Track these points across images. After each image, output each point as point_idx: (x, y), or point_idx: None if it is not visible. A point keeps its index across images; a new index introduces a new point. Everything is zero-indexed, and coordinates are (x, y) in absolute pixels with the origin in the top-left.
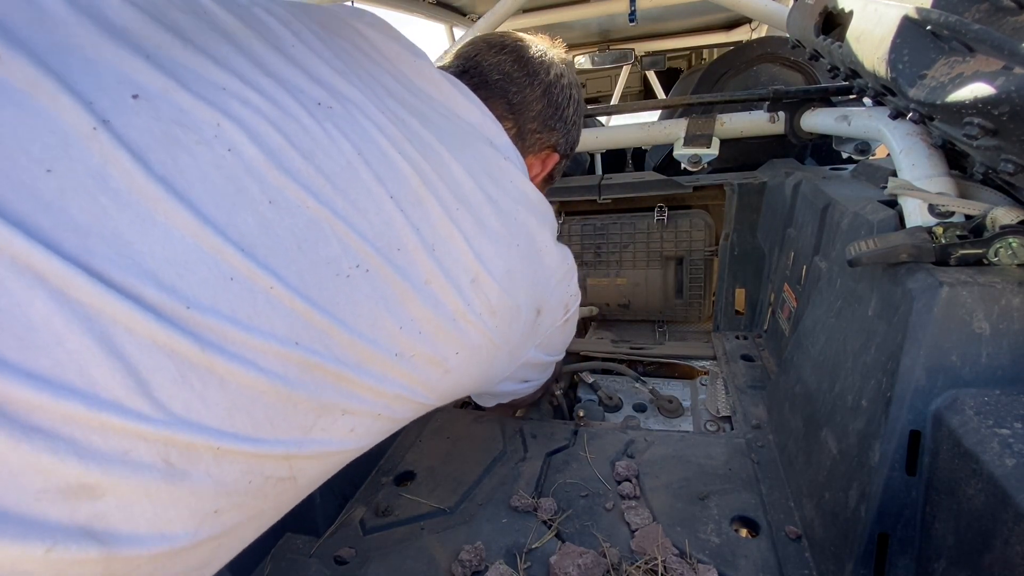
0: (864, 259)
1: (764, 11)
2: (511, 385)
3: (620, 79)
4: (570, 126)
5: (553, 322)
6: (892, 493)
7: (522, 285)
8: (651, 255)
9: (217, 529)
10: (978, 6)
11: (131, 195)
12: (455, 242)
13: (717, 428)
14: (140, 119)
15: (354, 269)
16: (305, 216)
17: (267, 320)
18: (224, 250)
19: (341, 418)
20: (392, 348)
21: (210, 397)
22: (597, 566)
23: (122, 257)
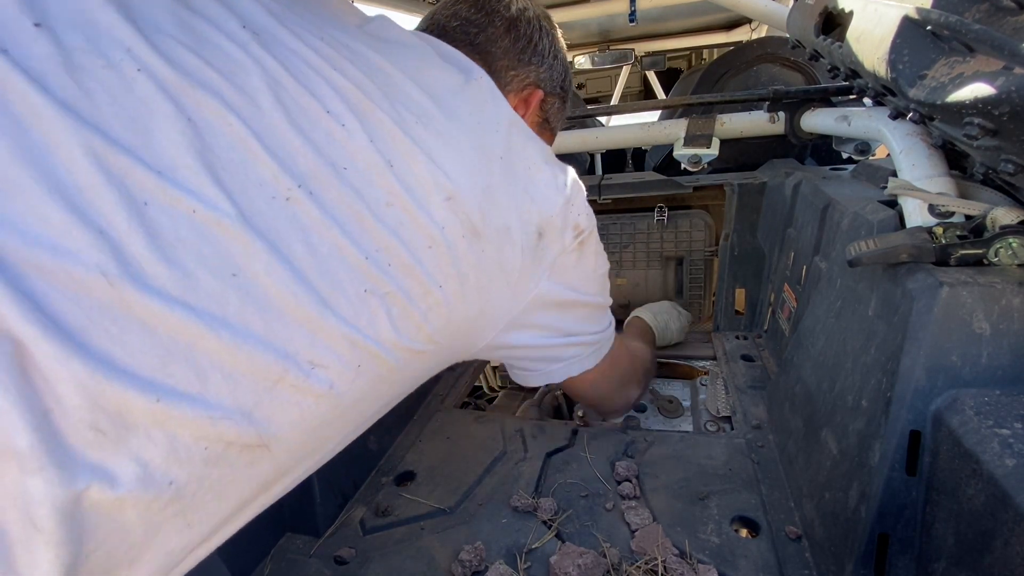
0: (864, 259)
1: (764, 11)
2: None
3: (620, 79)
4: (549, 58)
5: (562, 247)
6: (892, 493)
7: (508, 204)
8: (651, 255)
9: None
10: (978, 6)
11: (31, 120)
12: (416, 158)
13: (717, 428)
14: (40, 46)
15: (294, 190)
16: (227, 136)
17: (193, 248)
18: (136, 172)
19: (312, 371)
20: (360, 282)
21: (132, 343)
22: (597, 566)
23: (25, 181)
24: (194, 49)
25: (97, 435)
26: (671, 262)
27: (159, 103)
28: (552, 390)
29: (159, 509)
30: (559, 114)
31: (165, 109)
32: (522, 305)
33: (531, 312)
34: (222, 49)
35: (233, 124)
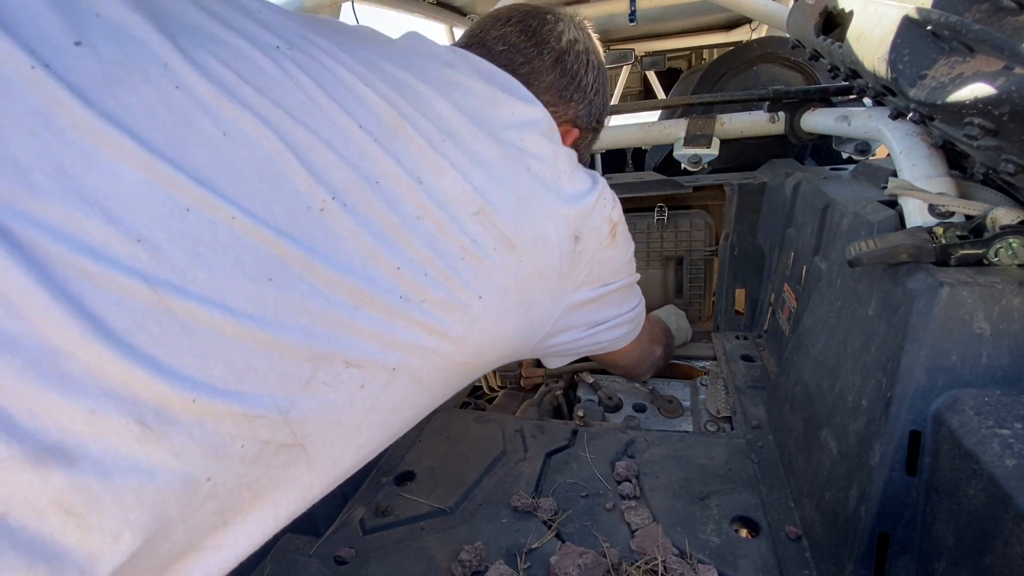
0: (864, 259)
1: (764, 11)
2: (581, 334)
3: (620, 79)
4: (591, 95)
5: (598, 244)
6: (892, 493)
7: (545, 213)
8: (651, 255)
9: (214, 502)
10: (978, 6)
11: (74, 132)
12: (446, 174)
13: (717, 428)
14: (82, 62)
15: (328, 202)
16: (264, 148)
17: (232, 253)
18: (177, 180)
19: (345, 371)
20: (394, 289)
21: (173, 343)
22: (597, 566)
23: (65, 191)
24: (230, 64)
25: (143, 429)
26: (671, 262)
27: (197, 117)
28: (552, 390)
29: (198, 506)
30: (590, 145)
31: (203, 123)
32: (561, 309)
33: (570, 313)
34: (257, 64)
35: (270, 138)
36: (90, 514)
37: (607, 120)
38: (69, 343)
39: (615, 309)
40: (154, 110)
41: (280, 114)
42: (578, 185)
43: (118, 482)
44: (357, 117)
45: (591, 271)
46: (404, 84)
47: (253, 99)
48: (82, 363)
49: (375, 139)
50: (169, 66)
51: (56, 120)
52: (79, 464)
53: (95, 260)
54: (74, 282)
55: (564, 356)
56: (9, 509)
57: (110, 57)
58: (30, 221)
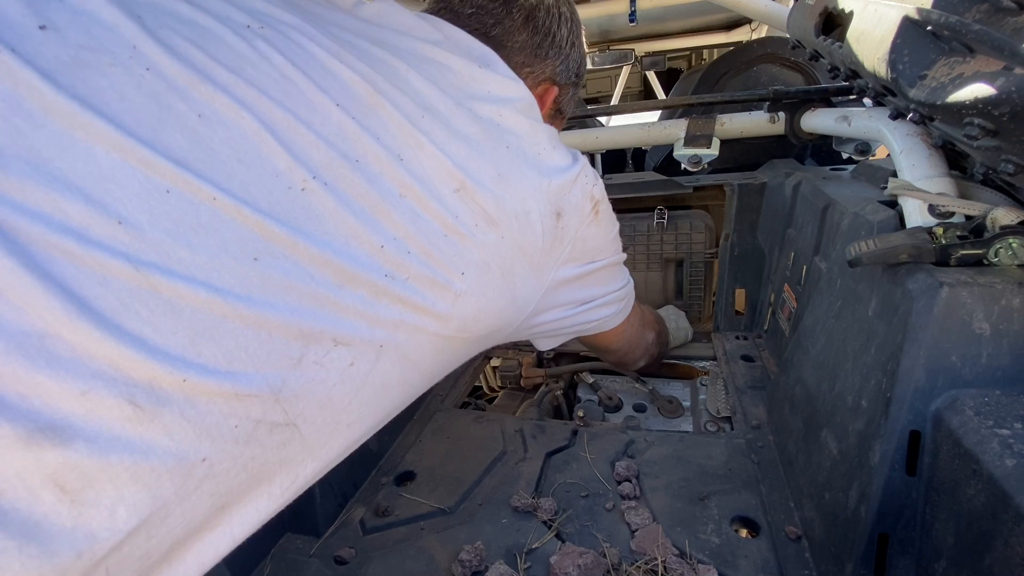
0: (864, 259)
1: (764, 11)
2: (568, 312)
3: (620, 79)
4: (567, 49)
5: (581, 220)
6: (892, 493)
7: (526, 188)
8: (651, 257)
9: (210, 484)
10: (978, 6)
11: (46, 115)
12: (425, 150)
13: (717, 428)
14: (48, 47)
15: (309, 181)
16: (241, 129)
17: (216, 234)
18: (155, 162)
19: (334, 349)
20: (378, 267)
21: (161, 324)
22: (597, 566)
23: (42, 175)
24: (199, 45)
25: (135, 409)
26: (671, 264)
27: (170, 99)
28: (552, 390)
29: (194, 486)
30: (572, 100)
31: (176, 105)
32: (546, 286)
33: (555, 291)
34: (228, 44)
35: (246, 118)
36: (85, 489)
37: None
38: (54, 324)
39: (602, 287)
40: (125, 93)
41: (255, 94)
42: (558, 161)
43: (113, 460)
44: (334, 95)
45: (574, 248)
46: (379, 60)
47: (226, 79)
48: (69, 344)
49: (353, 117)
50: (138, 48)
51: (27, 104)
52: (73, 443)
53: (77, 241)
54: (56, 263)
55: (554, 336)
56: (2, 490)
57: (76, 40)
58: (8, 204)
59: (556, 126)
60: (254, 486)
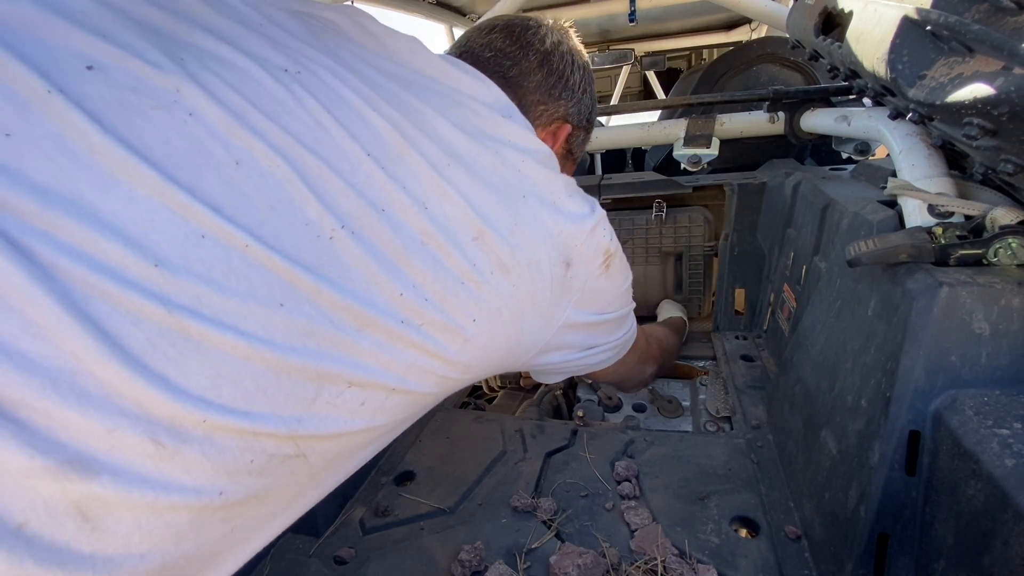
0: (864, 259)
1: (764, 11)
2: (570, 355)
3: (620, 79)
4: (579, 93)
5: (589, 273)
6: (892, 493)
7: (538, 238)
8: (650, 251)
9: (224, 513)
10: (978, 6)
11: (90, 156)
12: (449, 199)
13: (717, 428)
14: (94, 87)
15: (337, 231)
16: (275, 176)
17: (245, 280)
18: (192, 208)
19: (347, 390)
20: (395, 314)
21: (187, 365)
22: (597, 566)
23: (84, 215)
24: (238, 89)
25: (157, 447)
26: (670, 258)
27: (209, 144)
28: (552, 390)
29: (209, 516)
30: (583, 144)
31: (215, 150)
32: (552, 331)
33: (560, 336)
34: (265, 89)
35: (280, 166)
36: (104, 517)
37: (596, 120)
38: (86, 362)
39: (605, 337)
40: (167, 137)
41: (289, 141)
42: (573, 209)
43: (135, 495)
44: (364, 144)
45: (583, 297)
46: (408, 106)
47: (263, 125)
48: (99, 382)
49: (382, 166)
50: (181, 92)
51: (72, 145)
52: (99, 477)
53: (115, 282)
54: (94, 302)
55: (552, 374)
56: (28, 519)
57: (122, 82)
58: (51, 242)
59: (567, 168)
60: (264, 513)
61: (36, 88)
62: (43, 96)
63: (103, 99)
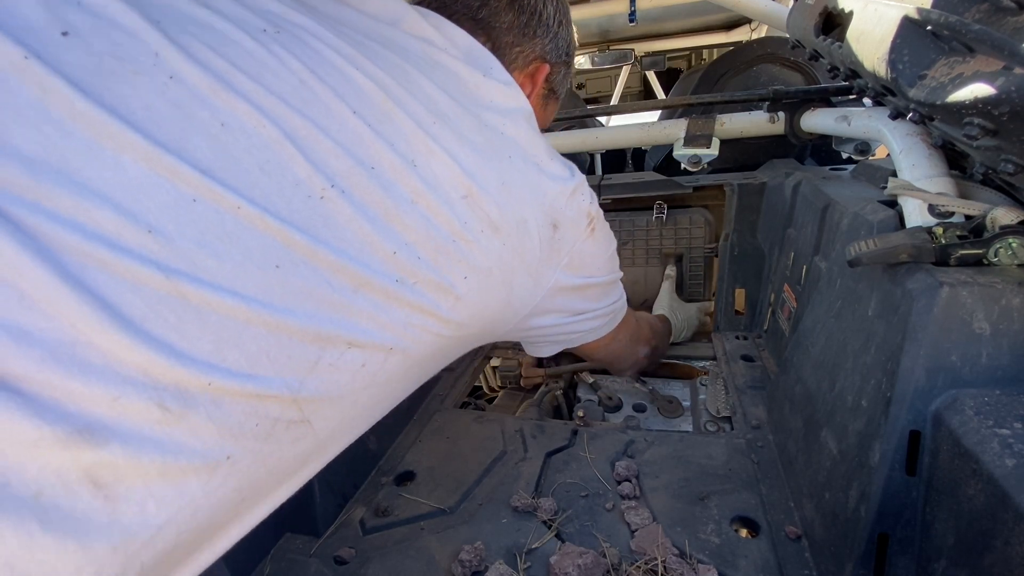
0: (864, 259)
1: (764, 11)
2: (560, 320)
3: (620, 79)
4: (555, 27)
5: (576, 236)
6: (892, 493)
7: (525, 198)
8: (650, 252)
9: (233, 479)
10: (978, 6)
11: (73, 123)
12: (436, 157)
13: (717, 428)
14: (71, 54)
15: (328, 190)
16: (262, 137)
17: (239, 242)
18: (181, 171)
19: (348, 351)
20: (390, 273)
21: (189, 330)
22: (597, 566)
23: (72, 184)
24: (219, 51)
25: (164, 412)
26: (670, 259)
27: (194, 107)
28: (552, 390)
29: (219, 483)
30: (565, 80)
31: (200, 113)
32: (542, 293)
33: (550, 299)
34: (246, 50)
35: (267, 127)
36: (117, 484)
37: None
38: (86, 332)
39: (594, 303)
40: (150, 101)
41: (275, 101)
42: (555, 171)
43: (144, 460)
44: (350, 102)
45: (572, 260)
46: (392, 64)
47: (247, 87)
48: (101, 351)
49: (368, 124)
50: (160, 55)
51: (55, 111)
52: (108, 445)
53: (109, 249)
54: (89, 271)
55: (543, 343)
56: (42, 488)
57: (100, 48)
58: (41, 212)
59: (551, 107)
60: (271, 480)
61: (12, 55)
62: (20, 63)
63: (82, 65)
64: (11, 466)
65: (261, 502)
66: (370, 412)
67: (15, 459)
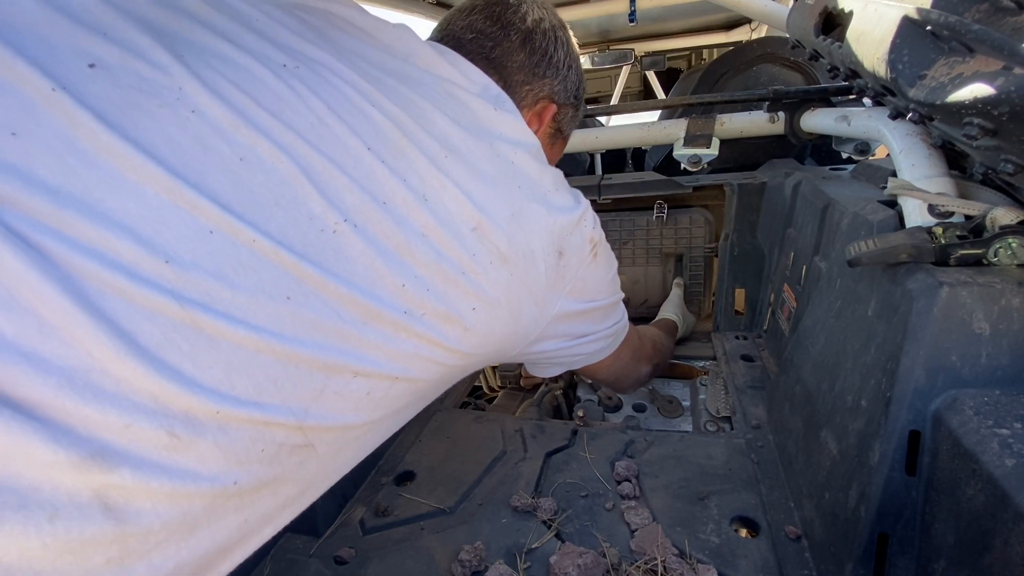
0: (864, 259)
1: (764, 11)
2: (564, 344)
3: (620, 79)
4: (564, 70)
5: (580, 261)
6: (892, 493)
7: (533, 229)
8: (650, 251)
9: (236, 501)
10: (978, 6)
11: (98, 155)
12: (448, 191)
13: (717, 428)
14: (97, 86)
15: (340, 224)
16: (279, 173)
17: (254, 274)
18: (200, 204)
19: (353, 380)
20: (399, 305)
21: (201, 358)
22: (597, 566)
23: (95, 214)
24: (241, 86)
25: (173, 439)
26: (670, 258)
27: (214, 142)
28: (552, 390)
29: (222, 507)
30: (572, 121)
31: (220, 148)
32: (547, 320)
33: (554, 325)
34: (268, 85)
35: (285, 162)
36: (126, 507)
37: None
38: (101, 359)
39: (597, 325)
40: (172, 135)
41: (293, 137)
42: (562, 202)
43: (153, 485)
44: (365, 139)
45: (575, 286)
46: (406, 99)
47: (267, 123)
48: (115, 378)
49: (383, 160)
50: (184, 90)
51: (80, 143)
52: (119, 469)
53: (127, 278)
54: (108, 299)
55: (547, 365)
56: (56, 509)
57: (125, 81)
58: (63, 240)
59: (557, 146)
60: (275, 505)
61: (41, 86)
62: (48, 94)
63: (108, 97)
64: (27, 485)
65: (265, 526)
66: (373, 437)
67: (31, 480)
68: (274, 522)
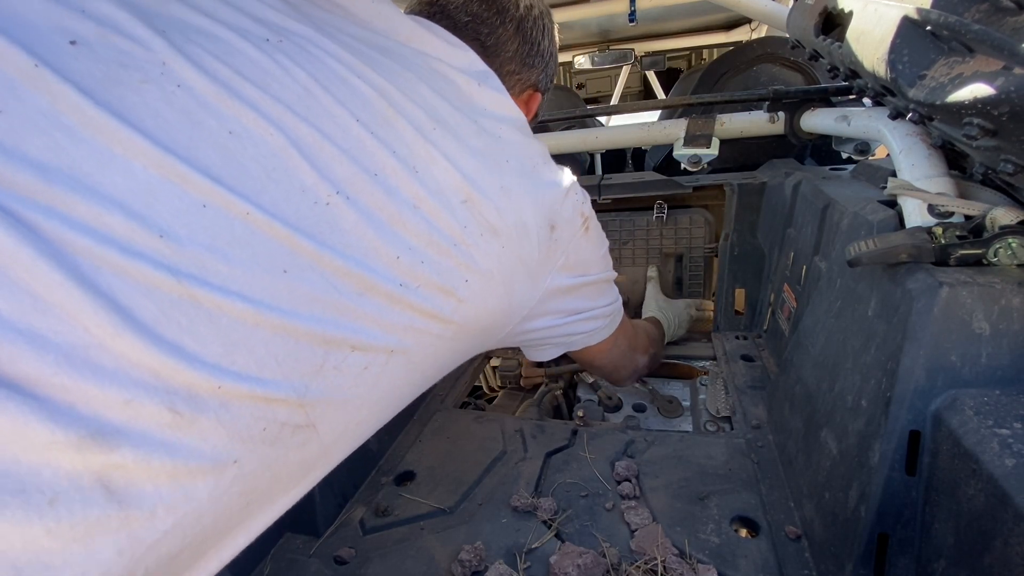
0: (864, 259)
1: (764, 11)
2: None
3: (620, 79)
4: (548, 59)
5: (572, 234)
6: (892, 493)
7: (523, 201)
8: (650, 252)
9: (240, 484)
10: (978, 6)
11: (84, 130)
12: (437, 162)
13: (717, 428)
14: (80, 62)
15: (333, 196)
16: (269, 145)
17: (248, 247)
18: (191, 178)
19: (351, 354)
20: (394, 278)
21: (200, 333)
22: (597, 566)
23: (85, 189)
24: (225, 60)
25: (174, 415)
26: (670, 259)
27: (201, 116)
28: (552, 390)
29: (226, 487)
30: (543, 107)
31: (208, 121)
32: (539, 294)
33: (547, 300)
34: (251, 59)
35: (274, 134)
36: (128, 487)
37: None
38: (99, 335)
39: (591, 301)
40: (158, 109)
41: (281, 109)
42: (550, 176)
43: (154, 464)
44: (353, 110)
45: (567, 259)
46: (392, 71)
47: (254, 95)
48: (114, 354)
49: (371, 131)
50: (167, 64)
51: (66, 119)
52: (119, 448)
53: (122, 253)
54: (103, 274)
55: (543, 346)
56: (56, 493)
57: (107, 56)
58: (55, 216)
59: None
60: (277, 487)
61: (22, 64)
62: (30, 71)
63: (91, 74)
64: (26, 469)
65: (266, 508)
66: (373, 418)
67: (29, 462)
68: (276, 506)
